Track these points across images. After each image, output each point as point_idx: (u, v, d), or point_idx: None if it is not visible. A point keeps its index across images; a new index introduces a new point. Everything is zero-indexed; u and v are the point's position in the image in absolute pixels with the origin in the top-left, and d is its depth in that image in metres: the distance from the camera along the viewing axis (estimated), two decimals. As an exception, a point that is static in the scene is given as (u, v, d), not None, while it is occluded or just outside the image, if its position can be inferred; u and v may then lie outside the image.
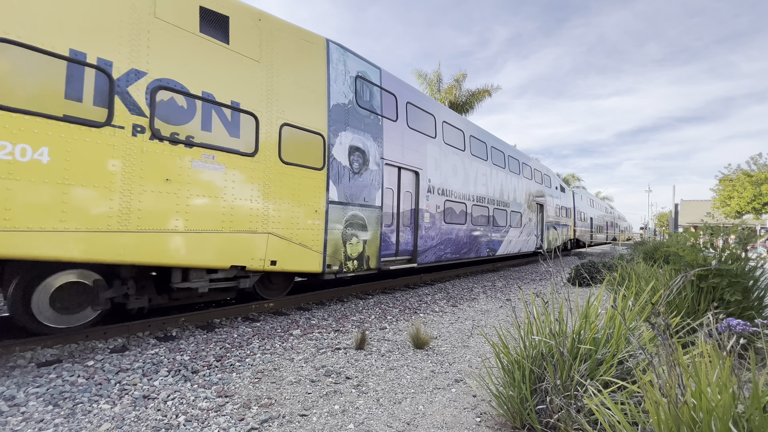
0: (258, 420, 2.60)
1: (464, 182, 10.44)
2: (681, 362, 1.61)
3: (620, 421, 1.69)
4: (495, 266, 13.95)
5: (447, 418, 2.71)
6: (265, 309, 5.80)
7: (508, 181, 13.26)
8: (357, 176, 6.78)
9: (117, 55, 3.96)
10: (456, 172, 10.08)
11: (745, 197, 30.19)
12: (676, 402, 1.53)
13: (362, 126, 6.96)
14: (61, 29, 3.62)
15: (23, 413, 2.62)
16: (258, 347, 4.16)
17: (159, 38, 4.30)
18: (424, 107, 9.15)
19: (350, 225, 6.58)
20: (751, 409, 1.43)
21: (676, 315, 3.38)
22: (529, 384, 2.38)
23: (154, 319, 4.64)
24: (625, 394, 2.09)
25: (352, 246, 6.61)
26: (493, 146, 12.46)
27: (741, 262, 3.70)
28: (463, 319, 5.73)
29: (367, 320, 5.54)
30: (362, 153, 6.92)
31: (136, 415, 2.65)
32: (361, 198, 6.84)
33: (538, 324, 2.59)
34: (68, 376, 3.24)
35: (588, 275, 9.10)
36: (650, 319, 2.23)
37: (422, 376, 3.48)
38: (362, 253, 6.81)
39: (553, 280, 8.12)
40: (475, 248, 10.96)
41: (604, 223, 35.83)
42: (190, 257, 4.51)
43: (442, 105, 10.21)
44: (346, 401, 2.94)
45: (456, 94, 22.81)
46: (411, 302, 6.98)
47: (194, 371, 3.46)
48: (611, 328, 2.52)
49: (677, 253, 4.09)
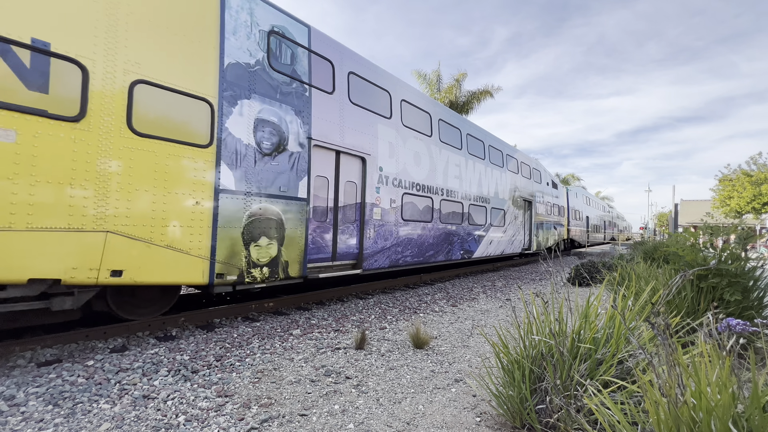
0: (258, 420, 2.60)
1: (430, 173, 9.01)
2: (681, 362, 1.61)
3: (620, 420, 1.69)
4: (495, 266, 13.95)
5: (447, 417, 2.71)
6: (265, 309, 5.80)
7: (488, 175, 11.85)
8: (269, 159, 5.30)
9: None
10: (419, 160, 8.63)
11: (744, 197, 30.23)
12: (676, 402, 1.53)
13: (278, 95, 5.47)
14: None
15: (23, 413, 2.62)
16: (258, 347, 4.16)
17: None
18: (375, 81, 7.54)
19: (257, 221, 5.14)
20: (750, 409, 1.43)
21: (675, 315, 3.38)
22: (528, 384, 2.38)
23: (153, 319, 4.63)
24: (624, 393, 2.09)
25: (261, 249, 5.16)
26: (470, 134, 11.01)
27: (740, 262, 3.70)
28: (463, 319, 5.73)
29: (367, 320, 5.54)
30: (277, 129, 5.43)
31: (136, 415, 2.65)
32: (274, 187, 5.37)
33: (538, 324, 2.60)
34: (68, 375, 3.24)
35: (588, 275, 9.11)
36: (650, 318, 2.23)
37: (422, 375, 3.49)
38: (277, 257, 5.36)
39: (552, 280, 8.10)
40: (445, 250, 9.56)
41: (602, 223, 34.73)
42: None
43: (401, 80, 8.40)
44: (346, 401, 2.94)
45: (456, 94, 22.79)
46: (411, 302, 6.98)
47: (194, 371, 3.46)
48: (611, 328, 2.52)
49: (677, 253, 4.10)
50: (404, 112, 8.27)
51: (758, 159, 30.84)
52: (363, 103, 7.17)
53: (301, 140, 5.81)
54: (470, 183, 10.77)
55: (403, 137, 8.14)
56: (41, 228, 3.46)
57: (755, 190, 29.71)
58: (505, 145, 13.55)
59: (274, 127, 5.43)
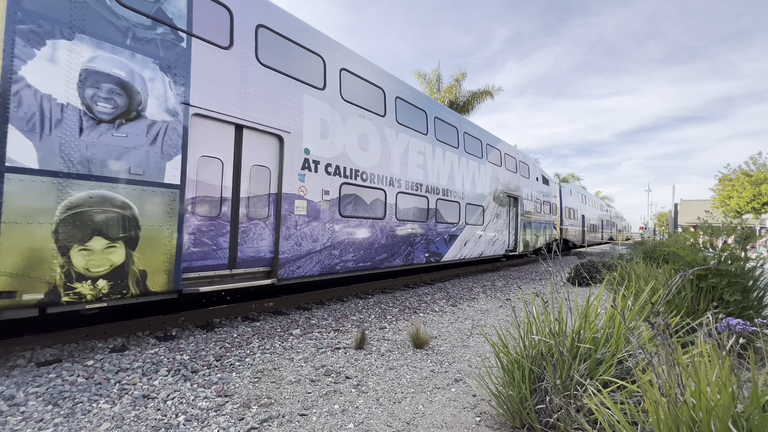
0: (258, 419, 2.61)
1: (382, 160, 7.52)
2: (681, 362, 1.61)
3: (620, 420, 1.69)
4: (495, 266, 13.95)
5: (447, 417, 2.71)
6: (265, 308, 5.80)
7: (463, 166, 10.39)
8: (108, 128, 3.90)
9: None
10: (366, 144, 7.14)
11: (744, 197, 30.27)
12: (676, 401, 1.53)
13: (129, 41, 4.06)
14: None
15: (23, 413, 2.62)
16: (258, 347, 4.16)
17: None
18: (300, 40, 6.00)
19: (85, 216, 3.72)
20: (750, 409, 1.43)
21: (675, 315, 3.38)
22: (528, 383, 2.38)
23: (153, 318, 4.63)
24: (624, 393, 2.10)
25: (93, 255, 3.75)
26: (439, 118, 9.54)
27: (740, 262, 3.70)
28: (463, 319, 5.73)
29: (367, 320, 5.54)
30: (126, 88, 4.02)
31: (136, 415, 2.65)
32: (120, 168, 3.95)
33: (538, 324, 2.60)
34: (68, 375, 3.24)
35: (588, 275, 9.11)
36: (650, 318, 2.24)
37: (422, 375, 3.49)
38: (124, 266, 3.95)
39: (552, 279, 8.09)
40: (404, 252, 8.05)
41: (600, 222, 33.36)
42: None
43: (341, 45, 6.86)
44: (345, 401, 2.94)
45: (455, 94, 22.78)
46: (411, 302, 6.98)
47: (194, 371, 3.46)
48: (611, 328, 2.52)
49: (676, 253, 4.10)
50: (345, 84, 6.75)
51: (758, 159, 30.90)
52: (280, 67, 5.65)
53: (171, 106, 4.33)
54: (438, 174, 9.29)
55: (342, 114, 6.64)
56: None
57: (755, 190, 29.76)
58: (486, 133, 12.10)
59: (121, 84, 3.99)
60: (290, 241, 5.65)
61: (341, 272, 6.62)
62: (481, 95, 22.97)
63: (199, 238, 4.69)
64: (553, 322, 2.51)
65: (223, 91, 4.89)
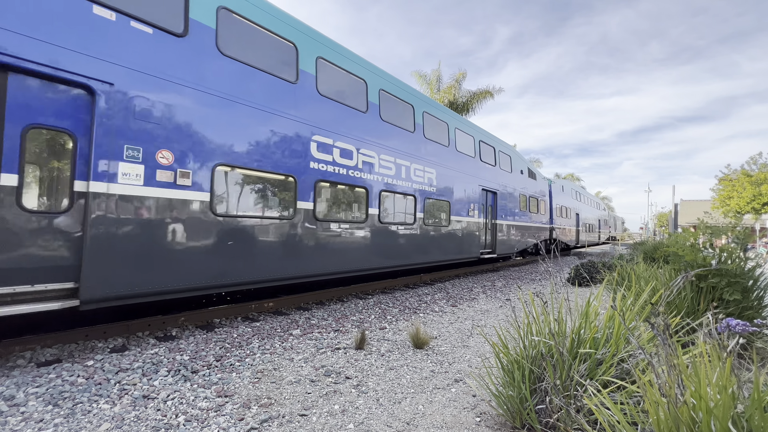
0: (258, 420, 2.61)
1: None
2: (680, 362, 1.61)
3: (620, 420, 1.69)
4: (495, 266, 13.95)
5: (447, 417, 2.71)
6: (265, 309, 5.80)
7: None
8: None
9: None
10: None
11: (744, 197, 30.30)
12: (676, 402, 1.53)
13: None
14: None
15: (23, 413, 2.62)
16: (258, 347, 4.16)
17: None
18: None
19: None
20: (750, 409, 1.43)
21: (675, 315, 3.38)
22: (528, 384, 2.38)
23: (153, 319, 4.63)
24: (624, 394, 2.09)
25: None
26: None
27: (740, 262, 3.70)
28: (463, 319, 5.73)
29: (367, 320, 5.54)
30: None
31: (136, 415, 2.65)
32: None
33: (538, 324, 2.60)
34: (68, 375, 3.24)
35: (587, 275, 9.11)
36: (650, 319, 2.24)
37: (422, 376, 3.49)
38: None
39: (552, 280, 8.01)
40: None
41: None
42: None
43: None
44: (345, 401, 2.94)
45: (455, 94, 22.78)
46: (411, 302, 6.97)
47: (194, 371, 3.46)
48: (611, 328, 2.52)
49: (677, 253, 4.10)
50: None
51: (758, 159, 30.93)
52: None
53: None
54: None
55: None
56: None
57: (755, 190, 29.79)
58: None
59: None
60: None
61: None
62: (481, 95, 22.97)
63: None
64: (553, 323, 2.51)
65: None
